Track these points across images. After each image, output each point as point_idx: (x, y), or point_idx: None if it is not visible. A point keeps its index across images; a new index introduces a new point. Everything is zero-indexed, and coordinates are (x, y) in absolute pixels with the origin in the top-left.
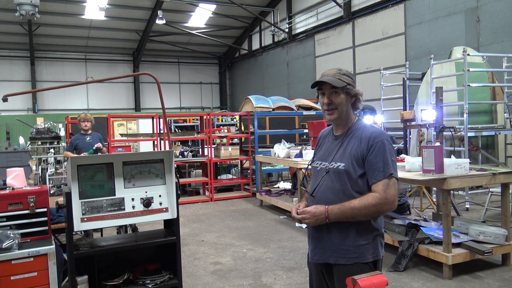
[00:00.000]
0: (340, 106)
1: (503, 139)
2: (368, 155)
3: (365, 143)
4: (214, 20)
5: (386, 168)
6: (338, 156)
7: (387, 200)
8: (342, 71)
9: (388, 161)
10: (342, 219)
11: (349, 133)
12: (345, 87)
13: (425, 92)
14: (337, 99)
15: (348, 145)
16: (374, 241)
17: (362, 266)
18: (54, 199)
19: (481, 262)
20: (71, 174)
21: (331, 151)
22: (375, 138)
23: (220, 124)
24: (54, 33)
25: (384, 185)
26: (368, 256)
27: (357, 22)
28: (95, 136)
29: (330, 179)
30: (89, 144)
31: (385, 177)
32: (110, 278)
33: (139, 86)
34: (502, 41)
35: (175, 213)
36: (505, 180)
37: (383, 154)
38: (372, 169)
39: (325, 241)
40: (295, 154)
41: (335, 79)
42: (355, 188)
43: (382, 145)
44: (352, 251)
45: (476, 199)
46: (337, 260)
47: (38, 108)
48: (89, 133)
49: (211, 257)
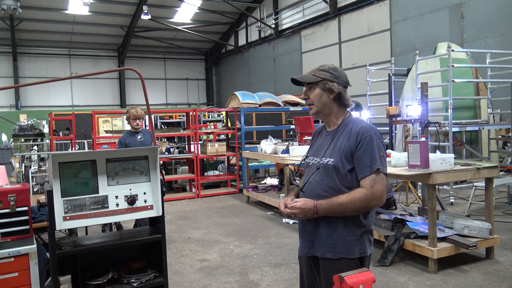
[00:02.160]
0: (316, 101)
1: (487, 134)
2: (356, 150)
3: (353, 138)
4: (200, 15)
5: (373, 164)
6: (329, 152)
7: (374, 195)
8: (323, 66)
9: (375, 157)
10: (330, 214)
11: (340, 129)
12: (319, 82)
13: (410, 87)
14: (312, 94)
15: (338, 141)
16: (361, 237)
17: (348, 262)
18: (37, 197)
19: (466, 255)
20: (52, 172)
21: (323, 147)
22: (363, 133)
23: (207, 120)
24: (37, 28)
25: (371, 181)
26: (354, 252)
27: (343, 18)
28: (147, 134)
29: (319, 175)
30: (141, 144)
31: (372, 173)
32: (94, 277)
33: (124, 82)
34: (486, 38)
35: (160, 210)
36: (489, 175)
37: (371, 149)
38: (360, 164)
39: (313, 234)
40: (281, 150)
41: (309, 75)
42: (344, 184)
43: (370, 140)
44: (339, 245)
45: (461, 193)
46: (324, 254)
47: (21, 104)
48: (140, 131)
49: (198, 254)
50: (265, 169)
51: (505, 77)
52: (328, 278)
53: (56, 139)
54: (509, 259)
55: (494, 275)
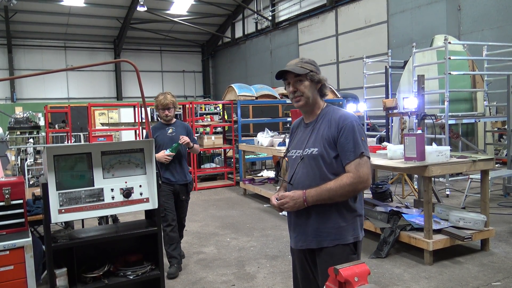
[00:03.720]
0: (305, 93)
1: (483, 126)
2: (339, 138)
3: (335, 126)
4: (197, 7)
5: (356, 148)
6: (311, 142)
7: (361, 178)
8: (304, 59)
9: (358, 141)
10: (320, 201)
11: (319, 119)
12: (308, 74)
13: (407, 80)
14: (301, 86)
15: (320, 130)
16: (353, 222)
17: (343, 248)
18: (32, 190)
19: (461, 247)
20: (47, 165)
21: (304, 139)
22: (344, 120)
23: (203, 113)
24: (32, 20)
25: (356, 165)
26: (348, 237)
27: (340, 10)
28: (180, 128)
29: (305, 165)
30: (170, 139)
31: (356, 157)
32: (90, 270)
33: (120, 74)
34: (482, 30)
35: (156, 203)
36: (484, 167)
37: (353, 135)
38: (344, 151)
39: (306, 227)
40: (278, 143)
41: (297, 67)
42: (330, 171)
43: (351, 126)
44: (333, 233)
45: (456, 185)
46: (319, 244)
47: (16, 97)
48: (172, 123)
49: (195, 246)
50: (261, 162)
51: (501, 70)
52: (325, 267)
53: (52, 132)
54: (504, 251)
55: (489, 266)
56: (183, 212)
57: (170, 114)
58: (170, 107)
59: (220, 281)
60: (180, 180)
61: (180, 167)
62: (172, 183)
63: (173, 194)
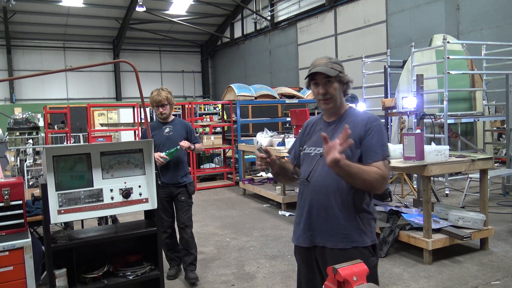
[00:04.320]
0: (335, 95)
1: (482, 125)
2: (365, 137)
3: (362, 126)
4: (196, 7)
5: (383, 150)
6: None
7: (385, 178)
8: (332, 59)
9: (385, 144)
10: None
11: (343, 119)
12: (337, 75)
13: (406, 79)
14: (331, 88)
15: None
16: (370, 225)
17: (363, 250)
18: (32, 191)
19: (460, 246)
20: (46, 165)
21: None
22: (372, 122)
23: (203, 113)
24: (31, 20)
25: (382, 165)
26: (367, 240)
27: (339, 10)
28: (179, 126)
29: (325, 163)
30: (167, 138)
31: (383, 158)
32: (89, 271)
33: (120, 74)
34: (481, 29)
35: (155, 203)
36: (483, 166)
37: (381, 137)
38: (370, 150)
39: (323, 225)
40: (277, 143)
41: (328, 68)
42: None
43: (379, 128)
44: (350, 235)
45: (456, 185)
46: (335, 245)
47: (15, 98)
48: (169, 121)
49: None
50: None
51: (500, 69)
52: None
53: (51, 132)
54: (503, 250)
55: (488, 265)
56: (182, 216)
57: (165, 112)
58: (165, 103)
59: (219, 281)
60: (175, 181)
61: (175, 168)
62: (164, 185)
63: (170, 197)
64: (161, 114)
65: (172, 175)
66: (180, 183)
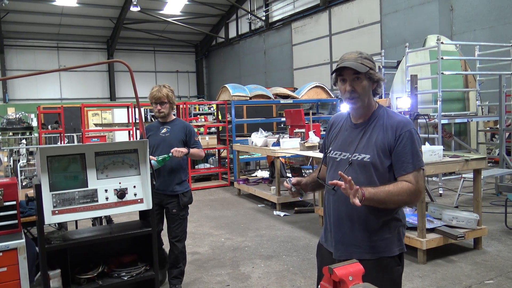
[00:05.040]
0: (362, 94)
1: (475, 126)
2: (396, 146)
3: (392, 133)
4: (190, 7)
5: (415, 160)
6: (362, 147)
7: (419, 191)
8: (363, 54)
9: (418, 153)
10: (373, 201)
11: (372, 121)
12: (368, 72)
13: (400, 80)
14: (359, 86)
15: (372, 135)
16: (398, 233)
17: (389, 260)
18: (25, 191)
19: (454, 246)
20: (40, 166)
21: (352, 141)
22: (402, 128)
23: (197, 113)
24: (24, 20)
25: (415, 177)
26: (394, 249)
27: (334, 10)
28: (178, 127)
29: (354, 172)
30: (162, 140)
31: (415, 169)
32: (84, 271)
33: (114, 74)
34: (474, 30)
35: (150, 204)
36: (477, 166)
37: (412, 145)
38: (401, 161)
39: (348, 236)
40: (272, 143)
41: (357, 63)
42: (381, 181)
43: (410, 135)
44: (377, 245)
45: (449, 185)
46: (361, 256)
47: (8, 98)
48: (169, 121)
49: (189, 247)
50: (256, 162)
51: (493, 69)
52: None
53: (45, 132)
54: (497, 249)
55: (482, 265)
56: (173, 230)
57: (163, 110)
58: (164, 101)
59: (214, 282)
60: (165, 189)
61: (168, 175)
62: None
63: (160, 206)
64: (159, 112)
65: (164, 182)
66: (172, 192)
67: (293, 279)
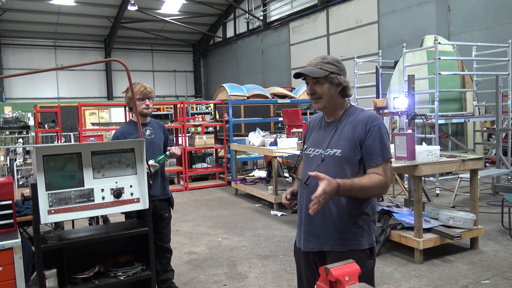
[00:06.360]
0: (324, 96)
1: (472, 126)
2: (366, 139)
3: (361, 127)
4: (188, 6)
5: (384, 152)
6: (334, 142)
7: (388, 183)
8: (326, 59)
9: (386, 146)
10: (349, 194)
11: (343, 119)
12: (327, 76)
13: (397, 80)
14: (320, 89)
15: (343, 131)
16: (368, 227)
17: (359, 253)
18: (22, 191)
19: (451, 246)
20: (36, 165)
21: (325, 138)
22: (372, 122)
23: (195, 112)
24: (21, 18)
25: (384, 168)
26: (364, 243)
27: (331, 10)
28: (157, 127)
29: (326, 167)
30: (150, 143)
31: (384, 161)
32: (80, 271)
33: (111, 74)
34: (472, 30)
35: (146, 203)
36: (473, 166)
37: (381, 138)
38: (371, 153)
39: (319, 228)
40: (270, 143)
41: (315, 69)
42: (353, 174)
43: (379, 129)
44: (348, 238)
45: (446, 185)
46: (332, 248)
47: (5, 96)
48: (148, 122)
49: (186, 246)
50: (253, 162)
51: (490, 70)
52: None
53: (42, 131)
54: (493, 249)
55: (478, 265)
56: (167, 235)
57: (151, 106)
58: (152, 96)
59: (211, 281)
60: (160, 194)
61: (161, 179)
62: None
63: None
64: (148, 108)
65: (161, 187)
66: (165, 195)
67: (290, 279)
